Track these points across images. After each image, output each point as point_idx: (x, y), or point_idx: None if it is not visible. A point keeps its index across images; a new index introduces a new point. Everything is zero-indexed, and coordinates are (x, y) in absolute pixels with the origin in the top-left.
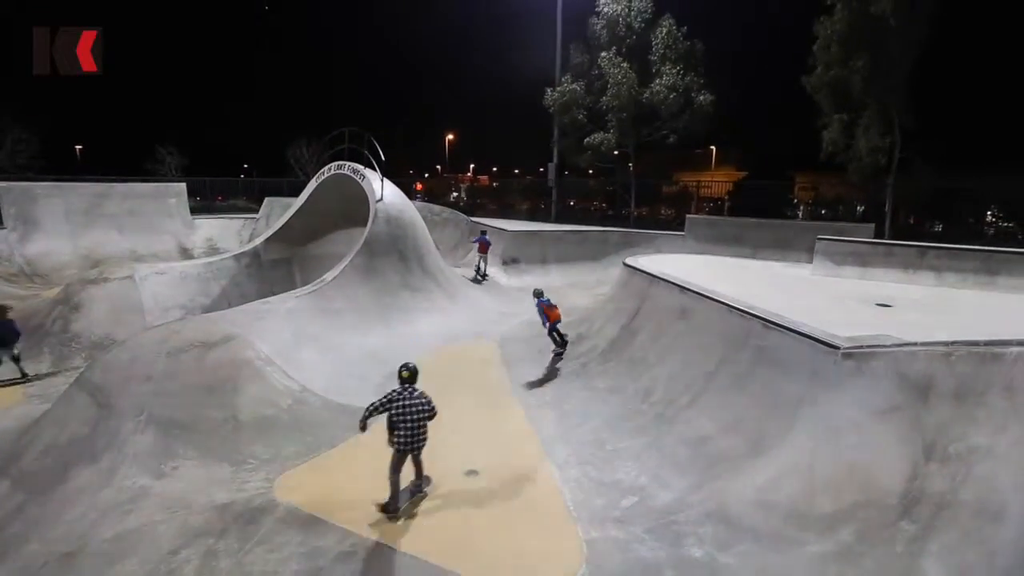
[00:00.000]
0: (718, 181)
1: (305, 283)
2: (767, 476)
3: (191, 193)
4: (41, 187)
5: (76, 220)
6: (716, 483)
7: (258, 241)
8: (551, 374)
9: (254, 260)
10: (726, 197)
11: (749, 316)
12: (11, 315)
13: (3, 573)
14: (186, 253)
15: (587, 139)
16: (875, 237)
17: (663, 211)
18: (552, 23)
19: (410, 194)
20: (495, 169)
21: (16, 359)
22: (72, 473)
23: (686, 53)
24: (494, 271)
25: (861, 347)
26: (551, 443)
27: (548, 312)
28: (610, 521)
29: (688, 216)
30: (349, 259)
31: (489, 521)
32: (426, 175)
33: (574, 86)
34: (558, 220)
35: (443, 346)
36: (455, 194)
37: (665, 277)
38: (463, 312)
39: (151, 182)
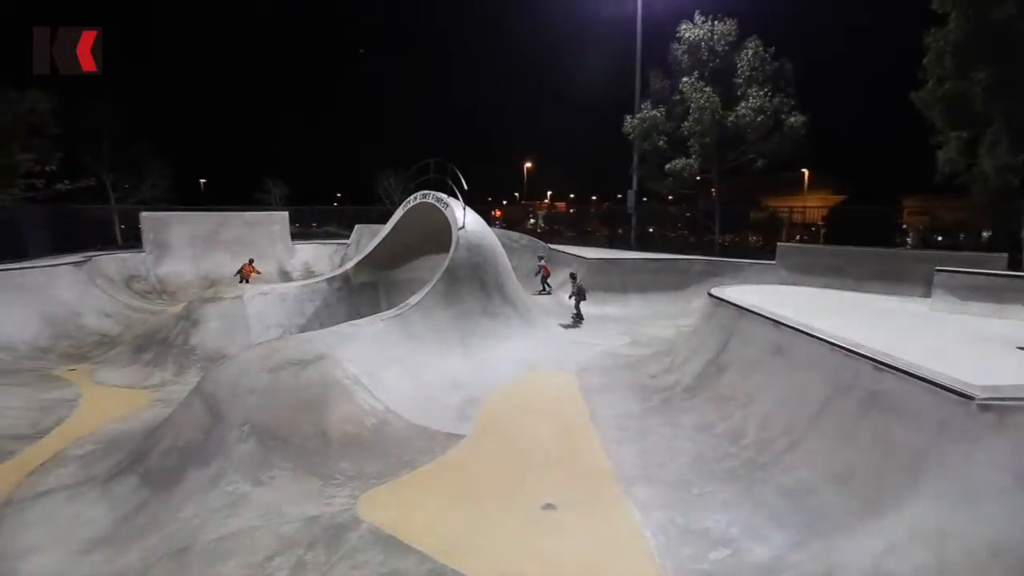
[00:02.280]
0: (812, 206)
1: (390, 306)
2: (886, 542)
3: (291, 220)
4: (173, 216)
5: (198, 245)
6: (822, 543)
7: (348, 266)
8: (631, 407)
9: (344, 283)
10: (821, 223)
11: (857, 356)
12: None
13: (127, 561)
14: (286, 275)
15: (668, 165)
16: (1009, 269)
17: (750, 238)
18: (630, 50)
19: (488, 221)
20: (572, 196)
21: None
22: (187, 474)
23: (773, 74)
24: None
25: (1003, 398)
26: (632, 481)
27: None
28: (698, 575)
29: (779, 244)
30: (432, 285)
31: (568, 560)
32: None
33: (654, 112)
34: (637, 247)
35: (521, 374)
36: (532, 221)
37: (756, 310)
38: (541, 340)
39: (259, 211)
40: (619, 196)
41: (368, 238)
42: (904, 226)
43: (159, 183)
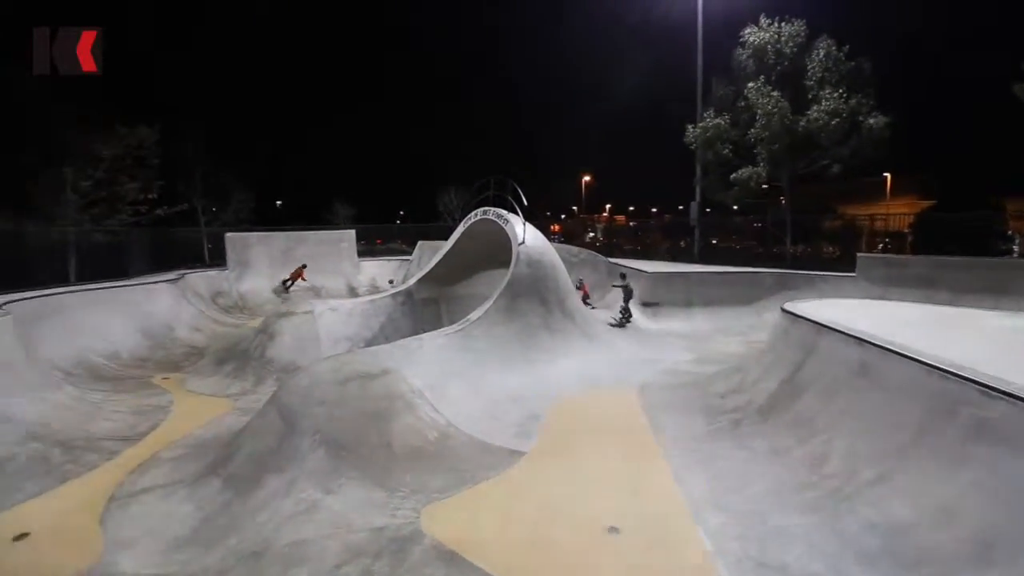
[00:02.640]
0: (896, 213)
1: (451, 321)
2: None
3: (357, 238)
4: (253, 236)
5: (275, 263)
6: None
7: (411, 282)
8: (699, 428)
9: (408, 299)
10: (907, 231)
11: (960, 379)
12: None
13: (209, 561)
14: (353, 291)
15: (734, 174)
16: None
17: (825, 249)
18: (690, 59)
19: (547, 236)
20: (632, 208)
21: None
22: (264, 480)
23: (849, 74)
24: (634, 314)
25: None
26: (701, 507)
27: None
28: None
29: (860, 255)
30: (493, 300)
31: None
32: (563, 216)
33: (718, 120)
34: (701, 260)
35: (582, 390)
36: (591, 234)
37: (837, 326)
38: (602, 356)
39: (328, 230)
40: (680, 208)
41: (430, 254)
42: (1010, 232)
43: (242, 207)
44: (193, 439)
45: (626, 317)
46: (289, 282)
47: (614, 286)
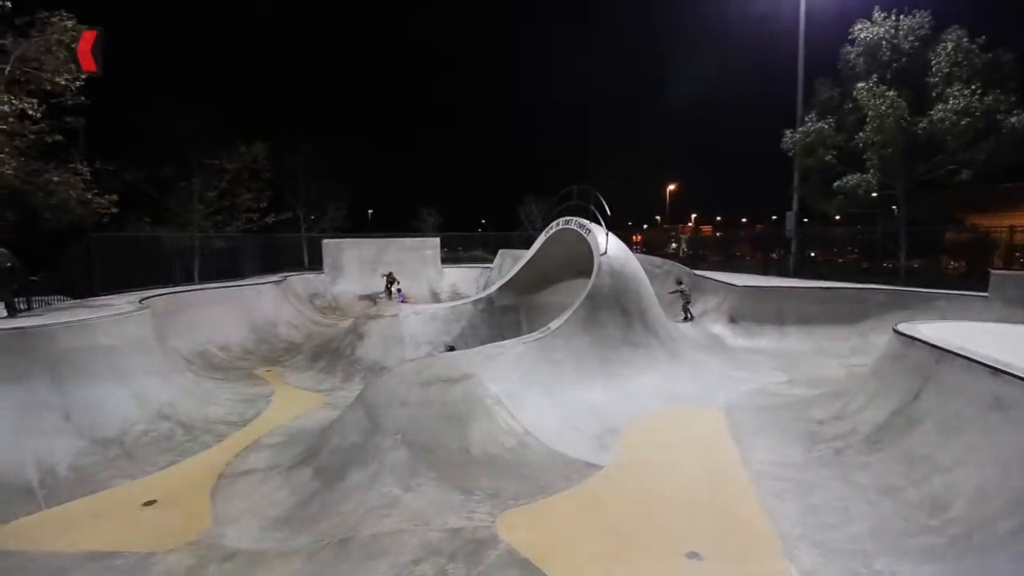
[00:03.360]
0: None
1: (531, 329)
2: None
3: (440, 245)
4: (346, 242)
5: (365, 267)
6: None
7: (492, 289)
8: (793, 455)
9: (488, 306)
10: None
11: None
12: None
13: (301, 543)
14: (436, 297)
15: (838, 182)
16: None
17: (948, 264)
18: (790, 59)
19: (628, 246)
20: (719, 218)
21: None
22: (349, 473)
23: (984, 67)
24: (719, 329)
25: None
26: (793, 542)
27: None
28: None
29: (993, 272)
30: (573, 310)
31: None
32: (645, 226)
33: (821, 124)
34: (796, 274)
35: (663, 408)
36: (675, 245)
37: (964, 353)
38: (686, 373)
39: (414, 237)
40: (774, 218)
41: (511, 263)
42: None
43: (337, 214)
44: (289, 429)
45: (687, 317)
46: (387, 289)
47: (669, 293)
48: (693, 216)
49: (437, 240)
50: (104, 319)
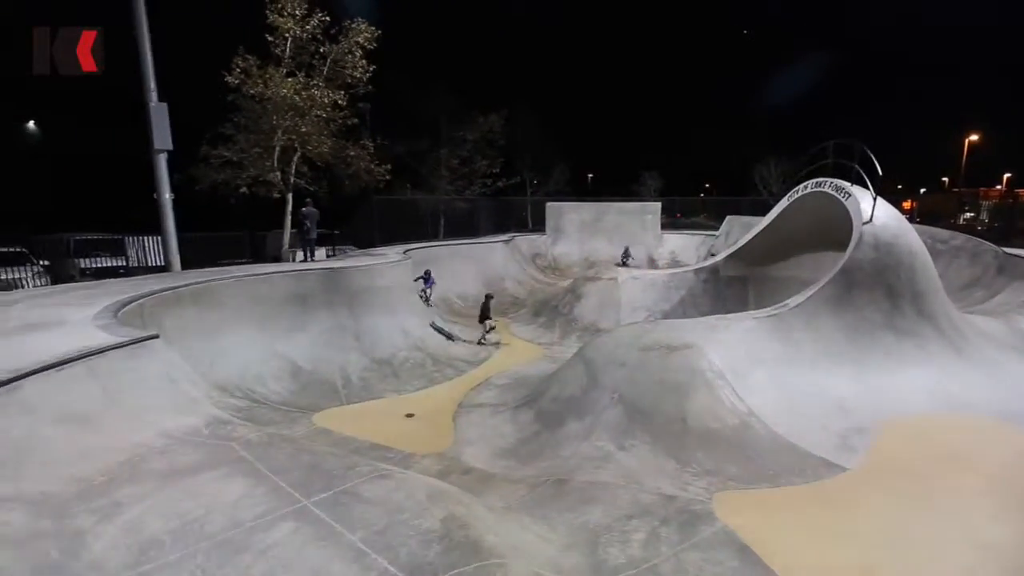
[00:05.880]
0: None
1: (759, 305)
2: None
3: (660, 211)
4: (567, 205)
5: (584, 230)
6: None
7: (719, 257)
8: None
9: (712, 276)
10: None
11: None
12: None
13: (524, 474)
14: (653, 263)
15: None
16: None
17: None
18: None
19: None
20: None
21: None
22: (567, 422)
23: None
24: None
25: None
26: None
27: None
28: None
29: None
30: (820, 285)
31: None
32: (922, 190)
33: None
34: None
35: (939, 413)
36: (970, 214)
37: None
38: (977, 375)
39: (634, 202)
40: None
41: (739, 230)
42: None
43: (560, 178)
44: (514, 374)
45: None
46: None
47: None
48: (1006, 177)
49: (658, 205)
50: (381, 264)
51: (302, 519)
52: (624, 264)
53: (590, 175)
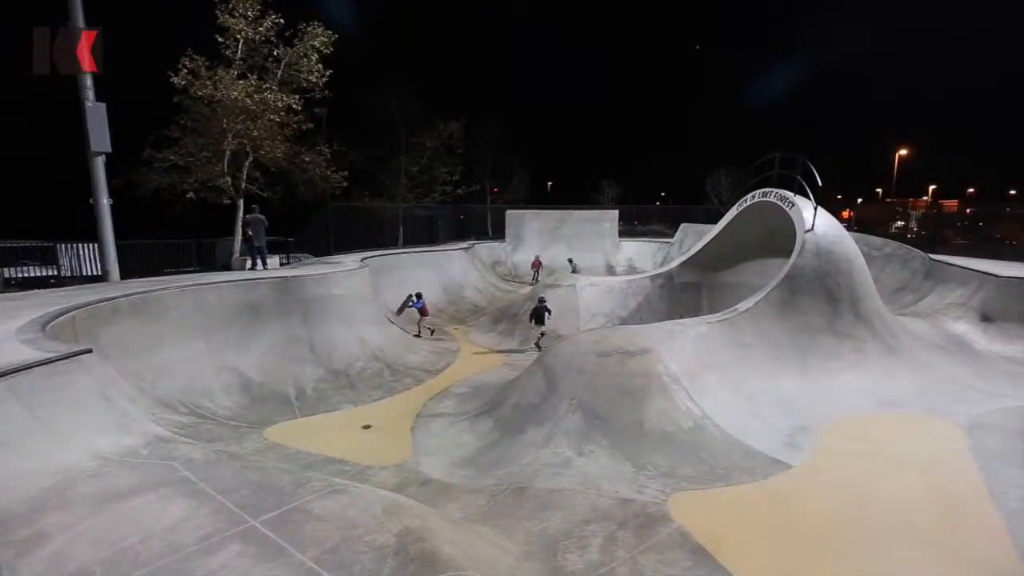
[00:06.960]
0: None
1: (712, 310)
2: None
3: (619, 218)
4: (528, 213)
5: (543, 238)
6: None
7: (673, 264)
8: None
9: (667, 282)
10: None
11: None
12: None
13: (483, 483)
14: (611, 270)
15: None
16: None
17: None
18: None
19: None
20: (971, 191)
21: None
22: (527, 428)
23: None
24: (964, 328)
25: None
26: None
27: None
28: None
29: None
30: (766, 292)
31: None
32: (859, 200)
33: None
34: None
35: (876, 412)
36: (900, 223)
37: None
38: (908, 375)
39: (593, 209)
40: None
41: (693, 238)
42: None
43: (520, 186)
44: (474, 382)
45: None
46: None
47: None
48: (931, 188)
49: (616, 213)
50: (337, 273)
51: (249, 540)
52: (574, 272)
53: (550, 183)
